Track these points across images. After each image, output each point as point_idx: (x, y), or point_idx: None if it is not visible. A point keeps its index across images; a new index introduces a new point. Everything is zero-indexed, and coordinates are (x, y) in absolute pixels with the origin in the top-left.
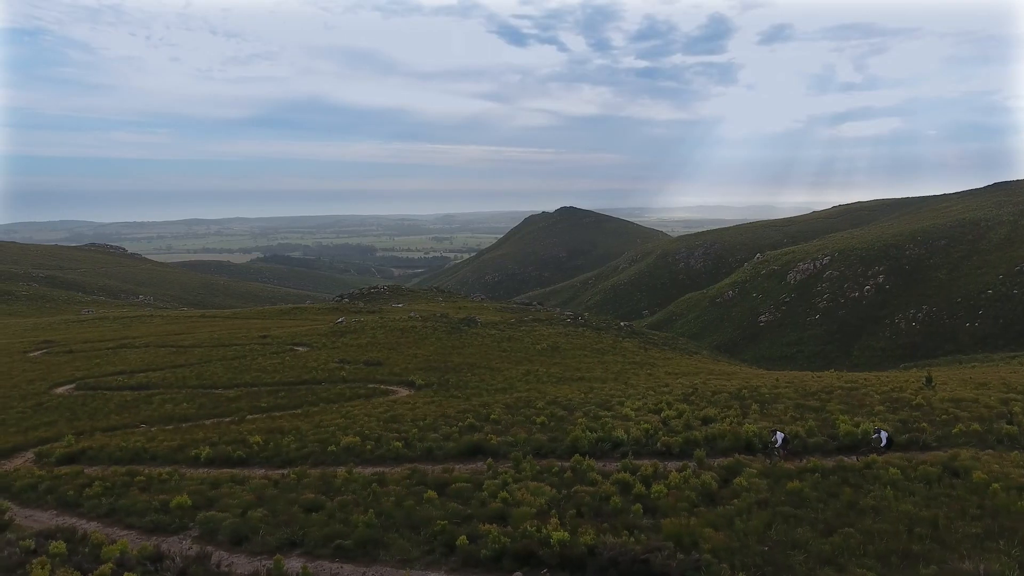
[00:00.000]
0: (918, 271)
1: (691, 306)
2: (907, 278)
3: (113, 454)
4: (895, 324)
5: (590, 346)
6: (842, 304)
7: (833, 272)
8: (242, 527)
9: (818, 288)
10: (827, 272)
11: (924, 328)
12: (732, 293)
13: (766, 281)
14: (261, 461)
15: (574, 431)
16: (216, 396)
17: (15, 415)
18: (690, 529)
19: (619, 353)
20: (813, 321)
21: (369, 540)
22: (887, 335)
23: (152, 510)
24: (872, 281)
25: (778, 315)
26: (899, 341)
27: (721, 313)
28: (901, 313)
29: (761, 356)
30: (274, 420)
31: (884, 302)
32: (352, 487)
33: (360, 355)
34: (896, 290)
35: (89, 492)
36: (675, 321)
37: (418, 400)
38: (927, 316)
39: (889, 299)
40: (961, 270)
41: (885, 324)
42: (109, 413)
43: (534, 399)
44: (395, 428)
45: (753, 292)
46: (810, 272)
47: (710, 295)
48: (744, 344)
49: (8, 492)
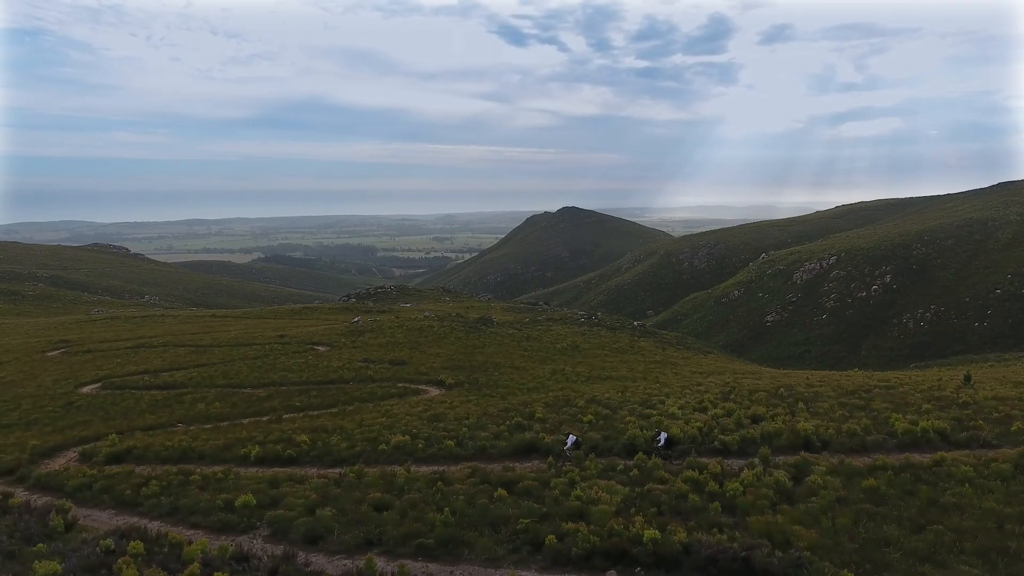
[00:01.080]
0: (925, 271)
1: (696, 306)
2: (914, 278)
3: (159, 453)
4: (903, 324)
5: (608, 345)
6: (849, 304)
7: (840, 272)
8: (316, 526)
9: (825, 288)
10: (834, 272)
11: (932, 328)
12: (738, 293)
13: (772, 281)
14: (311, 460)
15: (629, 429)
16: (246, 395)
17: (47, 414)
18: (779, 527)
19: (638, 352)
20: (820, 321)
21: (450, 539)
22: (895, 335)
23: (217, 509)
24: (879, 281)
25: (785, 315)
26: (907, 341)
27: (727, 313)
28: (909, 313)
29: (768, 356)
30: (313, 419)
31: (891, 302)
32: (416, 485)
33: (383, 354)
34: (903, 290)
35: (146, 491)
36: (680, 321)
37: (454, 399)
38: (935, 316)
39: (896, 299)
40: (969, 269)
41: (893, 324)
42: (142, 412)
43: (572, 398)
44: (441, 427)
45: (759, 292)
46: (817, 272)
47: (715, 295)
48: (750, 344)
49: (62, 491)
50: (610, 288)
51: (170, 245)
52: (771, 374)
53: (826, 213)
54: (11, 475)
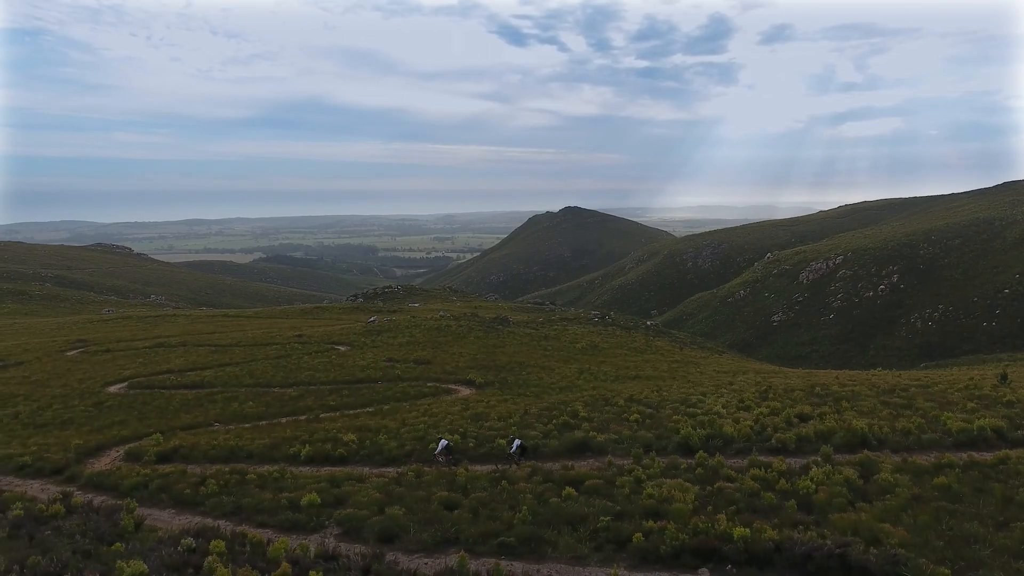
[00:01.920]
0: (933, 270)
1: (701, 306)
2: (922, 277)
3: (207, 452)
4: (911, 323)
5: (626, 345)
6: (856, 303)
7: (846, 271)
8: (389, 525)
9: (832, 288)
10: (840, 272)
11: (941, 327)
12: (743, 293)
13: (778, 281)
14: (362, 459)
15: (683, 428)
16: (278, 395)
17: (80, 414)
18: (864, 524)
19: (656, 352)
20: (827, 320)
21: (530, 537)
22: (903, 334)
23: (282, 508)
24: (886, 280)
25: (791, 314)
26: (916, 340)
27: (733, 313)
28: (917, 312)
29: (775, 355)
30: (353, 418)
31: (899, 301)
32: (479, 484)
33: (406, 354)
34: (911, 289)
35: (204, 491)
36: (686, 321)
37: (489, 398)
38: (943, 315)
39: (904, 298)
40: (976, 269)
41: (901, 324)
42: (177, 412)
43: (609, 397)
44: (487, 426)
45: (765, 292)
46: (823, 272)
47: (721, 295)
48: (757, 344)
49: (117, 490)
50: (614, 288)
51: (171, 245)
52: (796, 373)
53: (829, 213)
54: (60, 474)
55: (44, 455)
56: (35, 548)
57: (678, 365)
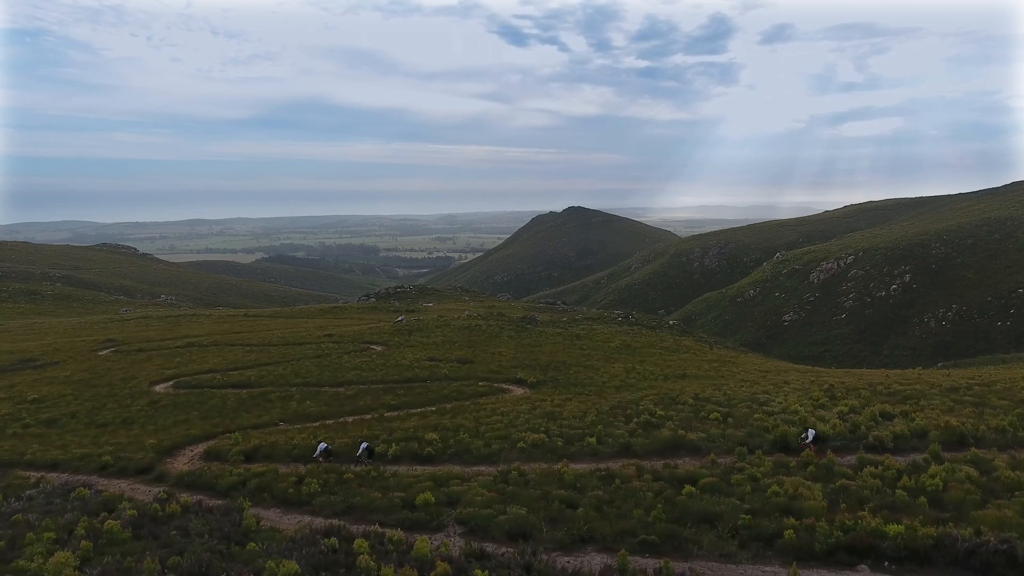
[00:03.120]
0: (945, 270)
1: (710, 305)
2: (934, 277)
3: (290, 452)
4: (924, 323)
5: (657, 344)
6: (869, 303)
7: (858, 271)
8: (518, 524)
9: (843, 287)
10: (852, 271)
11: (955, 327)
12: (753, 292)
13: (788, 280)
14: (450, 458)
15: (778, 426)
16: (331, 394)
17: (139, 413)
18: (1011, 521)
19: (689, 351)
20: (839, 320)
21: (671, 535)
22: (917, 334)
23: (396, 507)
24: (899, 280)
25: (802, 314)
26: (930, 340)
27: (742, 312)
28: (930, 312)
29: (787, 355)
30: (422, 417)
31: (912, 301)
32: (590, 483)
33: (444, 353)
34: (924, 289)
35: (307, 489)
36: (694, 320)
37: (551, 397)
38: (957, 315)
39: (917, 298)
40: (990, 269)
41: (914, 323)
42: (236, 412)
43: (675, 396)
44: (565, 424)
45: (775, 291)
46: (834, 271)
47: (730, 294)
48: (768, 343)
49: (214, 490)
50: (620, 288)
51: (172, 245)
52: (840, 373)
53: (836, 213)
54: (146, 474)
55: (123, 455)
56: (166, 548)
57: (717, 364)
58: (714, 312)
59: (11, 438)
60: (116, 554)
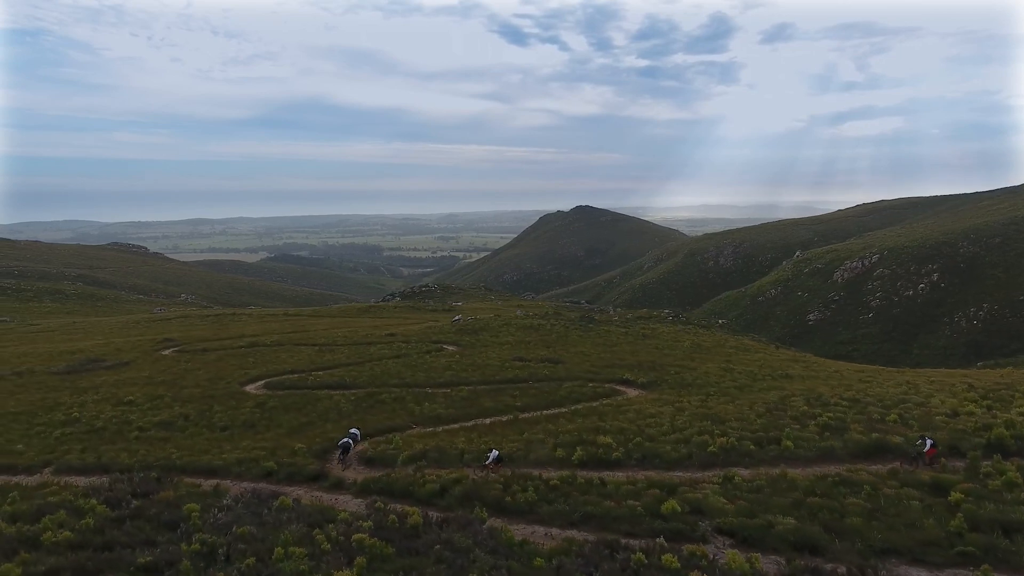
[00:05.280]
0: (974, 269)
1: (730, 304)
2: (963, 276)
3: (462, 456)
4: (955, 323)
5: (724, 344)
6: (896, 303)
7: (884, 270)
8: (801, 535)
9: (869, 287)
10: (877, 270)
11: (987, 326)
12: (775, 292)
13: (810, 279)
14: (637, 462)
15: (996, 427)
16: (444, 395)
17: (255, 417)
18: None
19: (760, 351)
20: (866, 320)
21: (989, 546)
22: (947, 334)
23: (641, 516)
24: (926, 279)
25: (827, 314)
26: (961, 340)
27: (764, 312)
28: (960, 311)
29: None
30: (571, 419)
31: (940, 300)
32: (835, 489)
33: (526, 353)
34: (952, 288)
35: (524, 497)
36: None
37: (684, 399)
38: (988, 314)
39: (945, 297)
40: (1020, 267)
41: (944, 323)
42: (355, 414)
43: (819, 396)
44: (734, 427)
45: (798, 291)
46: (859, 271)
47: (750, 293)
48: (793, 343)
49: (412, 498)
50: (634, 287)
51: (175, 245)
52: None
53: (850, 211)
54: (319, 481)
55: (283, 460)
56: (441, 564)
57: (803, 364)
58: (735, 311)
59: (135, 442)
60: (394, 571)
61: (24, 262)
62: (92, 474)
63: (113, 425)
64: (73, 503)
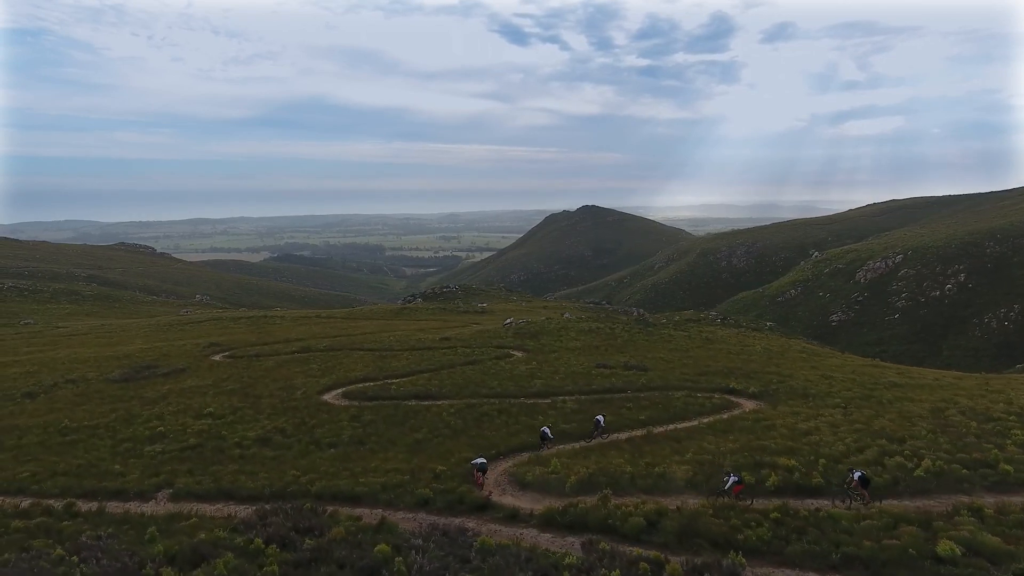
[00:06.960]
0: (1003, 269)
1: (747, 305)
2: (991, 276)
3: (632, 482)
4: (985, 323)
5: (792, 348)
6: (923, 303)
7: (908, 271)
8: None
9: (894, 287)
10: (902, 271)
11: (1018, 327)
12: (795, 292)
13: (832, 280)
14: (837, 489)
15: None
16: (549, 406)
17: (361, 433)
18: None
19: (827, 355)
20: (892, 321)
21: None
22: (977, 334)
23: (914, 560)
24: (953, 280)
25: (851, 314)
26: (992, 340)
27: (785, 312)
28: (990, 312)
29: None
30: (718, 437)
31: (968, 301)
32: None
33: (605, 359)
34: (981, 289)
35: (754, 534)
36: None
37: (819, 413)
38: (1020, 315)
39: (973, 298)
40: None
41: (973, 323)
42: (469, 428)
43: (988, 410)
44: (916, 446)
45: (819, 291)
46: (882, 271)
47: (769, 294)
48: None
49: (617, 533)
50: (646, 287)
51: (177, 244)
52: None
53: (865, 211)
54: (487, 511)
55: (434, 486)
56: None
57: (892, 371)
58: (754, 312)
59: (241, 461)
60: None
61: (33, 263)
62: (215, 501)
63: (207, 441)
64: (232, 542)
